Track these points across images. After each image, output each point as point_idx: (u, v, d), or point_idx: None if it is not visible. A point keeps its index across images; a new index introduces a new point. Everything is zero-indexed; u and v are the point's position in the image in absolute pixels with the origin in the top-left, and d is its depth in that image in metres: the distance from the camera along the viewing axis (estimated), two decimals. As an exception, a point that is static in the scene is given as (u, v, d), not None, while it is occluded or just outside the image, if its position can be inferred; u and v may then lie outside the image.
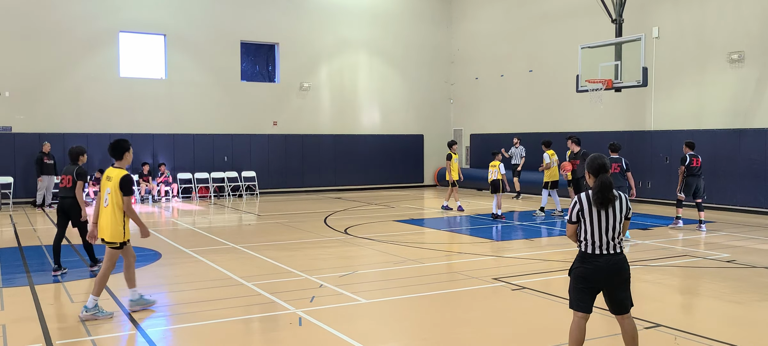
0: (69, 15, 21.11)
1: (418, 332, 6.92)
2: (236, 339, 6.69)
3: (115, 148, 7.36)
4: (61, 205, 9.66)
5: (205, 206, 20.18)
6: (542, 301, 8.01)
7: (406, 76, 26.94)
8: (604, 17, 18.77)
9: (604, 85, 17.34)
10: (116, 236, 7.24)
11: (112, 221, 7.19)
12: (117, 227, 7.20)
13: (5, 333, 6.73)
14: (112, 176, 7.25)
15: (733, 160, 17.30)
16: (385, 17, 26.37)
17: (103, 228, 7.30)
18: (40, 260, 10.92)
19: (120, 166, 7.36)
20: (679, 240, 12.75)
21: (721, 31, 17.71)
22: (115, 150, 7.36)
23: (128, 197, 7.19)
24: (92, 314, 7.11)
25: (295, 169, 24.64)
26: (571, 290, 5.31)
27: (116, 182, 7.18)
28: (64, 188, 9.66)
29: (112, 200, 7.19)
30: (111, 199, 7.20)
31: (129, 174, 7.29)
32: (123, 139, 7.49)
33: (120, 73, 21.98)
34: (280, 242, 12.63)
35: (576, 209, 5.22)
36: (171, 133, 22.58)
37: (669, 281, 9.10)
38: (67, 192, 9.55)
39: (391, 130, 26.64)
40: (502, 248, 12.26)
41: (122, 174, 7.21)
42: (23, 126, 20.57)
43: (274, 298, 8.08)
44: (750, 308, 7.73)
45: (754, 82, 17.01)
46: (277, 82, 24.73)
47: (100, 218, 7.34)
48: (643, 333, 6.32)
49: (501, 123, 24.88)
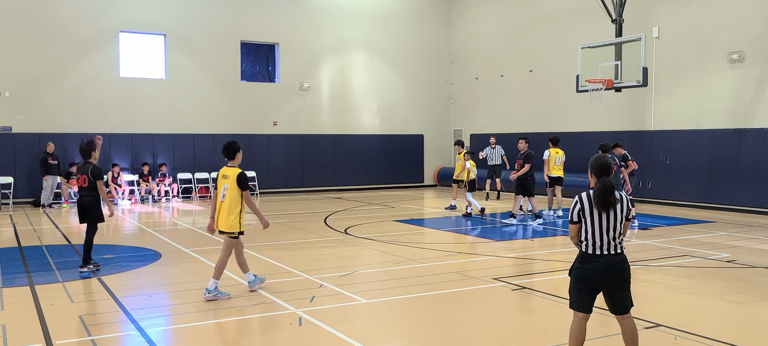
0: (69, 15, 21.11)
1: (418, 332, 6.91)
2: (236, 339, 6.69)
3: (229, 149, 8.22)
4: (80, 203, 9.78)
5: (205, 206, 20.18)
6: (542, 301, 8.01)
7: (406, 76, 26.94)
8: (604, 17, 18.76)
9: (604, 85, 17.33)
10: (233, 227, 8.03)
11: (229, 214, 7.99)
12: (233, 219, 7.98)
13: (5, 333, 6.73)
14: (228, 174, 8.05)
15: (733, 160, 17.30)
16: (385, 17, 26.37)
17: (221, 221, 8.06)
18: (40, 260, 10.91)
19: (233, 165, 8.17)
20: (679, 240, 12.75)
21: (721, 31, 17.71)
22: (228, 151, 8.22)
23: (246, 192, 8.04)
24: (214, 296, 7.94)
25: (295, 169, 24.64)
26: (572, 290, 5.31)
27: (233, 179, 7.97)
28: (80, 188, 9.73)
29: (229, 195, 7.99)
30: (228, 194, 8.00)
31: (244, 171, 8.08)
32: (234, 141, 8.31)
33: (120, 73, 21.98)
34: (280, 242, 12.63)
35: (577, 209, 5.22)
36: (171, 133, 22.58)
37: (669, 281, 9.10)
38: (85, 191, 9.69)
39: (391, 130, 26.64)
40: (502, 248, 12.25)
41: (238, 172, 8.02)
42: (23, 126, 20.57)
43: (274, 298, 8.08)
44: (750, 308, 7.73)
45: (754, 82, 17.01)
46: (277, 82, 24.73)
47: (218, 212, 8.10)
48: (643, 333, 6.32)
49: (501, 123, 24.87)
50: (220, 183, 8.16)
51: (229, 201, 8.00)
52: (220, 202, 8.09)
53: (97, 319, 7.23)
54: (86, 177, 9.64)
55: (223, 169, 8.20)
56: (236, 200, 7.99)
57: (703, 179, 18.01)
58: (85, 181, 9.64)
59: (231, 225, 8.03)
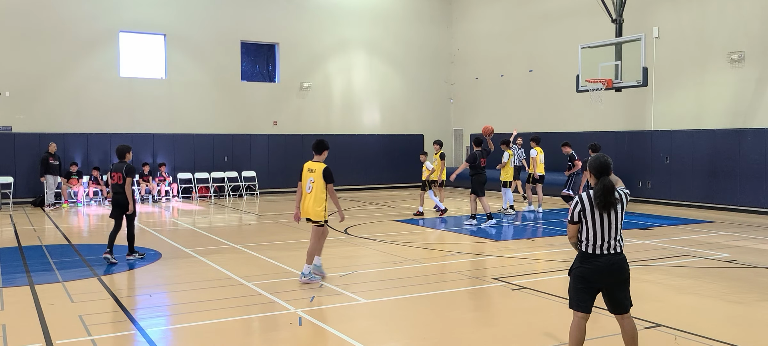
0: (69, 15, 21.11)
1: (418, 332, 6.91)
2: (236, 339, 6.69)
3: (319, 146, 9.12)
4: (116, 200, 10.52)
5: (205, 205, 20.18)
6: (542, 301, 8.01)
7: (406, 76, 26.94)
8: (604, 17, 18.76)
9: (604, 84, 17.33)
10: (319, 216, 8.86)
11: (315, 204, 8.82)
12: (319, 208, 8.81)
13: (5, 333, 6.73)
14: (314, 169, 8.91)
15: (734, 160, 17.29)
16: (385, 17, 26.37)
17: (308, 210, 8.89)
18: (41, 260, 10.91)
19: (319, 160, 9.03)
20: (679, 240, 12.75)
21: (721, 31, 17.71)
22: (317, 147, 9.12)
23: (331, 185, 8.84)
24: (308, 279, 8.80)
25: (295, 170, 24.33)
26: (571, 289, 5.31)
27: (319, 172, 8.82)
28: (115, 185, 10.41)
29: (316, 187, 8.81)
30: (314, 186, 8.82)
31: (329, 166, 8.92)
32: (324, 139, 9.27)
33: (120, 73, 21.98)
34: (280, 242, 12.63)
35: (577, 209, 5.21)
36: (171, 133, 22.57)
37: (669, 280, 9.10)
38: (119, 188, 10.42)
39: (391, 130, 26.64)
40: (502, 248, 12.25)
41: (324, 166, 8.87)
42: (23, 126, 20.57)
43: (274, 298, 8.08)
44: (750, 308, 7.73)
45: (755, 82, 17.00)
46: (277, 82, 24.72)
47: (304, 202, 8.93)
48: (643, 333, 6.32)
49: (501, 123, 24.82)
50: (305, 176, 8.96)
51: (315, 192, 8.81)
52: (307, 193, 8.87)
53: (97, 319, 7.23)
54: (121, 175, 10.39)
55: (309, 163, 9.02)
56: (321, 192, 8.80)
57: (703, 179, 18.00)
58: (120, 178, 10.39)
59: (318, 214, 8.83)
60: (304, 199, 8.92)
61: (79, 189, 20.22)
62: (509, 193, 17.27)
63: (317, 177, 8.85)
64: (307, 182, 8.91)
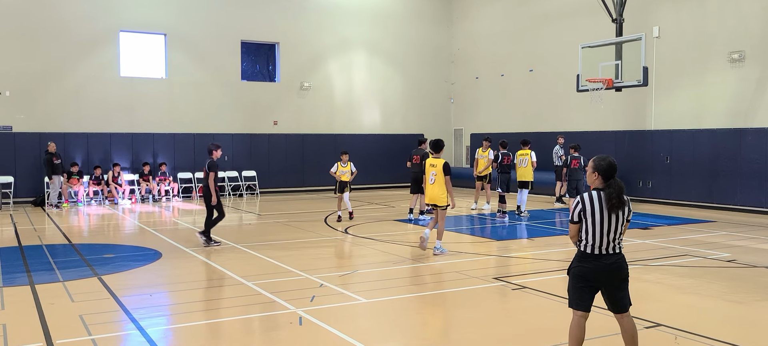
0: (69, 15, 21.11)
1: (418, 332, 6.91)
2: (236, 339, 6.69)
3: (436, 145, 11.14)
4: (205, 192, 12.11)
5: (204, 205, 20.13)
6: (542, 301, 8.01)
7: (407, 75, 26.94)
8: (604, 17, 18.76)
9: (605, 84, 17.33)
10: (442, 201, 10.91)
11: (439, 191, 10.89)
12: (442, 195, 10.87)
13: (5, 333, 6.73)
14: (435, 164, 10.99)
15: (734, 160, 17.29)
16: (385, 17, 26.37)
17: (433, 197, 10.98)
18: (41, 260, 10.92)
19: (438, 156, 11.09)
20: (680, 240, 12.75)
21: (721, 30, 17.71)
22: (435, 146, 11.15)
23: (448, 177, 10.79)
24: (440, 252, 10.82)
25: (295, 169, 24.63)
26: (571, 289, 5.31)
27: (439, 167, 10.89)
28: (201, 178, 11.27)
29: (437, 179, 10.90)
30: (436, 178, 10.92)
31: (447, 162, 10.93)
32: (441, 139, 11.25)
33: (120, 73, 21.99)
34: (280, 242, 12.63)
35: (578, 209, 5.21)
36: (171, 133, 22.58)
37: (669, 280, 9.10)
38: (206, 181, 12.01)
39: (391, 129, 26.64)
40: (502, 247, 12.26)
41: (443, 162, 10.90)
42: (23, 126, 20.58)
43: (274, 297, 8.08)
44: (750, 308, 7.73)
45: (755, 81, 17.00)
46: (277, 81, 24.73)
47: (429, 189, 11.06)
48: (643, 333, 6.32)
49: (501, 123, 24.87)
50: (428, 170, 11.12)
51: (437, 183, 10.91)
52: (430, 183, 11.00)
53: (97, 318, 7.23)
54: (206, 170, 11.94)
55: (430, 159, 11.15)
56: (442, 182, 10.82)
57: (704, 179, 18.00)
58: (206, 173, 11.94)
59: (442, 199, 10.89)
60: (428, 188, 11.09)
61: (79, 189, 20.22)
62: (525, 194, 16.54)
63: (438, 171, 10.89)
64: (430, 175, 10.99)
